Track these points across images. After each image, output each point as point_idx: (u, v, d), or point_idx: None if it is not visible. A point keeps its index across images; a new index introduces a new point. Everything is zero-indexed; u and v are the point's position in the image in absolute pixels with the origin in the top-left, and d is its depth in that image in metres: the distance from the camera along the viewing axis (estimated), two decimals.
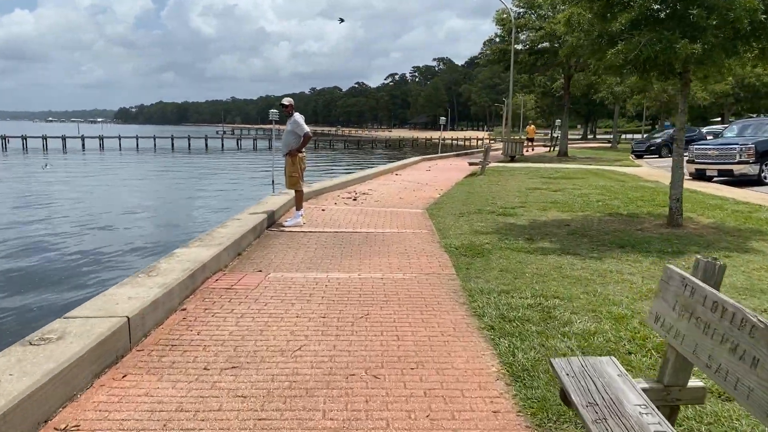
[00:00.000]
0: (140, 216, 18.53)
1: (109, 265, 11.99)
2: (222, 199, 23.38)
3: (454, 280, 5.80)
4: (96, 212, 18.78)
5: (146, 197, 23.75)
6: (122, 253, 13.10)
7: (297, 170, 8.67)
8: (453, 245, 7.37)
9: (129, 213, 18.95)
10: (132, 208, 20.09)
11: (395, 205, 11.55)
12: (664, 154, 32.10)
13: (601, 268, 6.18)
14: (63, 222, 16.97)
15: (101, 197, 23.36)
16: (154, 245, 13.75)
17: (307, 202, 11.38)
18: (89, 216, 18.01)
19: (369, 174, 16.91)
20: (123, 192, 25.64)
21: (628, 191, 13.31)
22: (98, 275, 11.09)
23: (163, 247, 12.80)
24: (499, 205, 11.12)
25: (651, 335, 4.15)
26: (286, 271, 6.12)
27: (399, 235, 8.23)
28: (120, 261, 12.39)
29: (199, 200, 23.41)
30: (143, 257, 12.46)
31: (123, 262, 12.20)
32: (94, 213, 18.64)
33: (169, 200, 23.31)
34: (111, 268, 11.77)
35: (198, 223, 16.99)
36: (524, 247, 7.18)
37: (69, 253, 12.94)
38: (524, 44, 28.17)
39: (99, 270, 11.59)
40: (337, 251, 7.14)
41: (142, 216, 18.58)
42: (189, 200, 23.40)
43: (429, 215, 10.13)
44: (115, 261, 12.41)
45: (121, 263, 12.14)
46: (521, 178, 17.26)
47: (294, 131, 8.60)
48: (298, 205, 8.82)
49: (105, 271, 11.55)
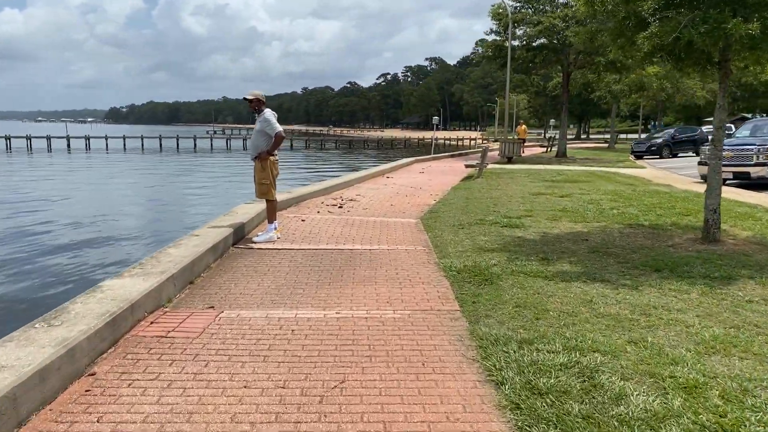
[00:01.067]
0: (90, 223, 17.10)
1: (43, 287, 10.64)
2: (198, 203, 22.04)
3: (459, 320, 4.53)
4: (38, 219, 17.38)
5: (106, 203, 22.38)
6: (60, 272, 11.65)
7: (268, 176, 7.37)
8: (454, 267, 6.10)
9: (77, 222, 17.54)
10: (79, 215, 18.66)
11: (385, 213, 10.27)
12: (665, 154, 31.03)
13: (640, 301, 4.92)
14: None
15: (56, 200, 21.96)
16: (99, 263, 12.36)
17: (286, 211, 10.09)
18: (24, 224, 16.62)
19: (357, 177, 15.60)
20: (86, 195, 24.26)
21: (642, 197, 12.08)
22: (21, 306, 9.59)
23: (98, 270, 11.47)
24: (502, 213, 9.86)
25: (746, 418, 2.91)
26: (245, 308, 4.83)
27: (389, 254, 6.95)
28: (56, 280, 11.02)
29: (171, 204, 22.07)
30: (90, 273, 11.14)
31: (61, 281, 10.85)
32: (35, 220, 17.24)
33: (138, 204, 21.93)
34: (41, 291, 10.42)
35: (160, 232, 15.65)
36: (540, 271, 5.92)
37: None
38: (521, 40, 26.94)
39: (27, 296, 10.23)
40: (313, 277, 5.85)
41: (93, 223, 17.11)
42: (158, 205, 22.01)
43: (424, 226, 8.86)
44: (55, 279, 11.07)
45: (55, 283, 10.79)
46: (522, 181, 16.01)
47: (264, 131, 7.30)
48: (271, 218, 7.52)
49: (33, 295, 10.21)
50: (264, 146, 7.32)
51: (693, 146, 31.99)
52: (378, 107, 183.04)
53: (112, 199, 23.24)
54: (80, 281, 10.55)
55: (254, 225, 8.32)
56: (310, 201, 11.47)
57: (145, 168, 41.46)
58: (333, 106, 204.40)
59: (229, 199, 20.07)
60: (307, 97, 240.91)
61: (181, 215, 19.05)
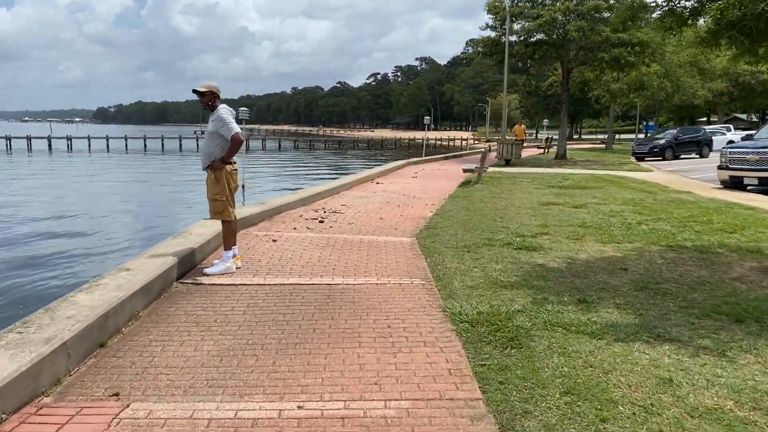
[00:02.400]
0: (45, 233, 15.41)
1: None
2: (164, 208, 20.38)
3: (483, 422, 2.98)
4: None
5: (67, 207, 20.62)
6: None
7: (224, 190, 5.78)
8: (465, 315, 4.56)
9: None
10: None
11: (374, 230, 8.72)
12: (667, 156, 29.65)
13: (741, 381, 3.39)
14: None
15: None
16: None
17: (257, 227, 8.50)
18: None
19: (344, 184, 13.99)
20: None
21: (668, 208, 10.59)
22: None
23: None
24: (512, 229, 8.33)
25: None
26: (164, 396, 3.26)
27: (379, 291, 5.39)
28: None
29: (141, 209, 20.37)
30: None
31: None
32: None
33: (104, 209, 20.20)
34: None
35: (118, 242, 13.97)
36: (583, 323, 4.38)
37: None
38: (519, 35, 25.43)
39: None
40: (273, 333, 4.28)
41: (40, 235, 15.38)
42: (124, 211, 20.29)
43: (421, 248, 7.30)
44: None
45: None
46: (526, 187, 14.50)
47: (217, 132, 5.72)
48: (228, 243, 5.92)
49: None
50: (218, 152, 5.74)
51: (696, 147, 30.67)
52: (368, 107, 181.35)
53: (76, 204, 21.47)
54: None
55: (211, 249, 6.73)
56: (288, 213, 9.88)
57: (124, 169, 39.65)
58: (323, 106, 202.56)
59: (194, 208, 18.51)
60: (297, 97, 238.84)
61: (148, 222, 17.36)
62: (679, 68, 37.16)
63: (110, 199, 22.99)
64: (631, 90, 37.93)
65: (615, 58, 23.20)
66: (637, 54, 23.54)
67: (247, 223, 8.40)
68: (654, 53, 23.89)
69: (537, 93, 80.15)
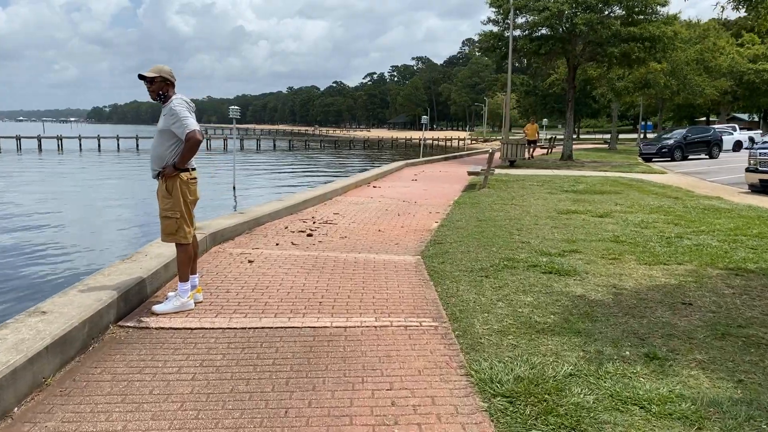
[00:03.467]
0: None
1: None
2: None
3: None
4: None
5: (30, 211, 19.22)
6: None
7: (177, 205, 4.47)
8: (499, 385, 3.28)
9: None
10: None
11: (371, 245, 7.43)
12: (677, 156, 28.44)
13: None
14: None
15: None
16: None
17: (232, 242, 7.21)
18: None
19: (337, 188, 12.66)
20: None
21: (705, 217, 9.34)
22: None
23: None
24: (535, 245, 7.06)
25: None
26: None
27: (378, 340, 4.11)
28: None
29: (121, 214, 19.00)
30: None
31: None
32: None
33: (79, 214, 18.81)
34: None
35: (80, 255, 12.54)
36: (664, 398, 3.11)
37: None
38: (523, 29, 24.12)
39: None
40: (225, 419, 2.99)
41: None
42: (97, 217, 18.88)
43: (429, 271, 6.01)
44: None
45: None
46: (537, 192, 13.22)
47: (169, 130, 4.41)
48: (183, 273, 4.59)
49: None
50: (170, 155, 4.44)
51: (706, 148, 29.47)
52: (364, 107, 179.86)
53: (47, 207, 20.07)
54: None
55: (170, 276, 5.42)
56: (272, 224, 8.58)
57: (112, 169, 38.24)
58: (319, 105, 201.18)
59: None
60: (293, 97, 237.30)
61: (120, 234, 16.00)
62: (686, 65, 35.95)
63: (86, 198, 21.62)
64: (636, 88, 36.69)
65: (625, 54, 21.94)
66: (647, 49, 22.29)
67: (221, 238, 7.11)
68: (666, 48, 22.64)
69: (535, 92, 79.15)
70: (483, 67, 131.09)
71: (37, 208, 18.89)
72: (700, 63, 37.89)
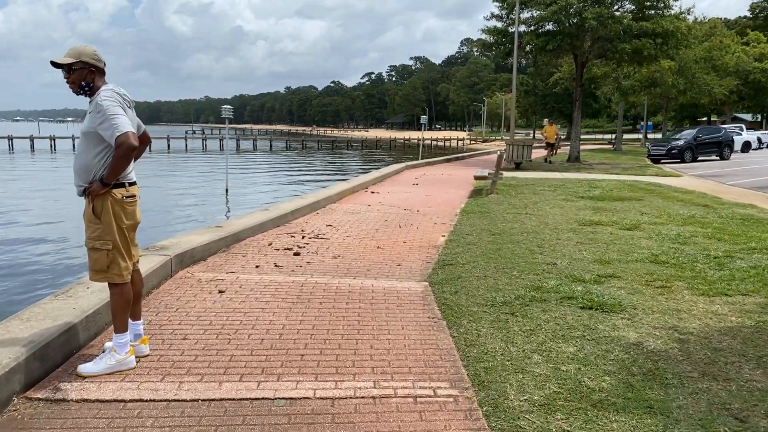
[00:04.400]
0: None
1: None
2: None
3: None
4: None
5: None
6: None
7: (110, 233, 3.33)
8: None
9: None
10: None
11: (369, 266, 6.32)
12: (687, 158, 27.34)
13: None
14: None
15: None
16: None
17: (202, 264, 6.08)
18: None
19: (332, 194, 11.50)
20: None
21: (749, 231, 8.23)
22: None
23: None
24: (562, 268, 5.95)
25: None
26: None
27: (375, 420, 2.99)
28: None
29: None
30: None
31: None
32: None
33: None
34: None
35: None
36: None
37: None
38: (529, 24, 23.01)
39: None
40: None
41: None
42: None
43: (439, 305, 4.89)
44: None
45: None
46: (552, 198, 12.11)
47: (95, 131, 3.28)
48: (119, 323, 3.46)
49: None
50: (99, 166, 3.32)
51: (717, 149, 28.38)
52: (362, 107, 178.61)
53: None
54: None
55: (108, 323, 4.29)
56: (254, 240, 7.45)
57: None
58: (316, 105, 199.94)
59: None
60: (291, 97, 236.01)
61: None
62: (695, 64, 34.88)
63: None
64: (643, 87, 35.61)
65: (636, 50, 20.84)
66: (659, 46, 21.20)
67: (190, 260, 5.98)
68: (679, 44, 21.55)
69: (535, 92, 78.24)
70: (482, 66, 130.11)
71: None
72: (708, 61, 36.83)
